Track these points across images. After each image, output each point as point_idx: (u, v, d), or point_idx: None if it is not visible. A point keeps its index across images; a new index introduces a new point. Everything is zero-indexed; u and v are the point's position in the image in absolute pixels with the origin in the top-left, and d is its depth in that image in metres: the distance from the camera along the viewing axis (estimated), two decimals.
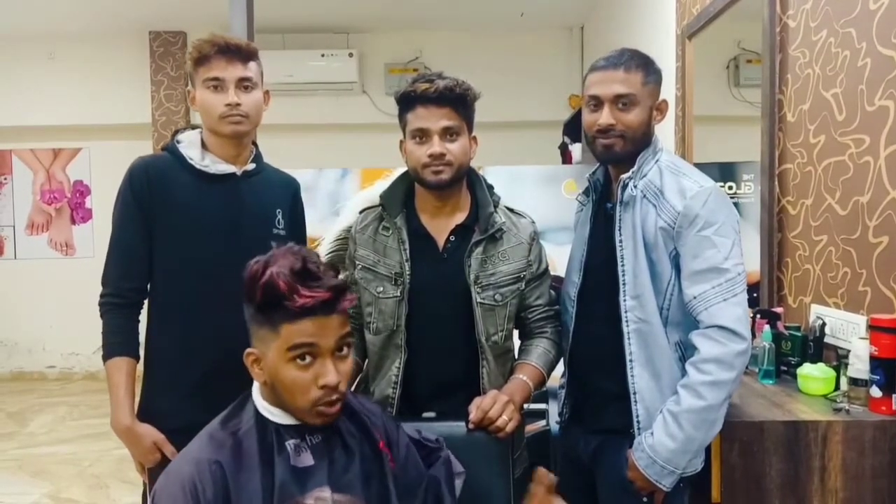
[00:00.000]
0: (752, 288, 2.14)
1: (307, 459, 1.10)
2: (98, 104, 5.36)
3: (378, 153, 4.57)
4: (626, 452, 1.41)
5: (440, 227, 1.54)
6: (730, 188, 2.35)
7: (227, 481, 1.05)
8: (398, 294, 1.50)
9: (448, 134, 1.47)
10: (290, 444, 1.10)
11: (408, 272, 1.50)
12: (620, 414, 1.43)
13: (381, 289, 1.52)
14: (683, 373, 1.36)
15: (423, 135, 1.47)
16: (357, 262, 1.58)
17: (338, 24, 5.14)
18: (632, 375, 1.41)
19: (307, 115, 5.20)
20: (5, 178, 5.64)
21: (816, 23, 1.84)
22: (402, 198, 1.57)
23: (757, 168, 2.13)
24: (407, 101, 1.50)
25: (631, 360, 1.41)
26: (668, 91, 2.89)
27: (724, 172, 2.37)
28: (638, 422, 1.41)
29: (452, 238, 1.53)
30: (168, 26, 5.26)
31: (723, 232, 1.34)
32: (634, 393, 1.41)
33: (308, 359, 1.07)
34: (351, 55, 5.12)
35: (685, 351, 1.39)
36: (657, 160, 1.44)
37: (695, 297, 1.35)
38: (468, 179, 1.57)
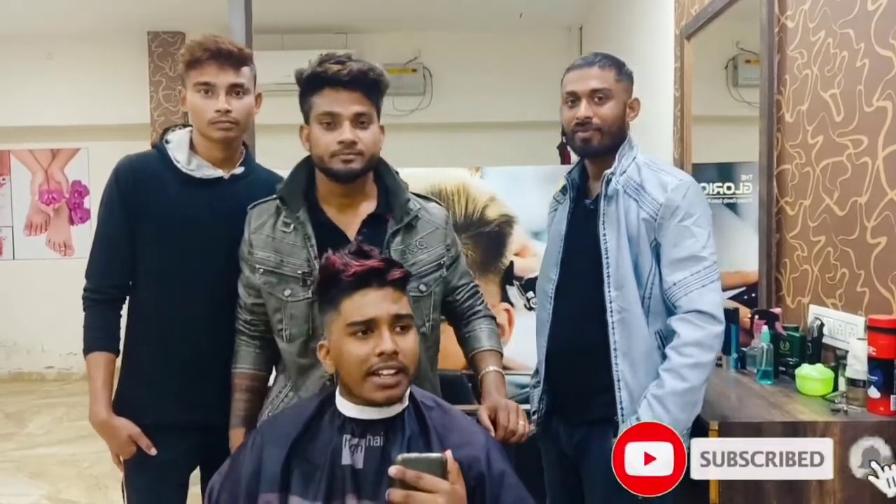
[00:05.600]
0: (751, 288, 2.14)
1: (358, 461, 1.13)
2: (96, 104, 5.35)
3: None
4: (611, 440, 1.41)
5: (349, 220, 1.43)
6: (728, 188, 2.35)
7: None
8: (309, 295, 1.38)
9: (360, 121, 1.37)
10: (346, 440, 1.14)
11: (317, 270, 1.31)
12: (604, 403, 1.46)
13: (289, 291, 1.40)
14: (662, 361, 1.41)
15: (332, 120, 1.36)
16: (257, 267, 1.43)
17: (336, 24, 5.13)
18: (616, 364, 1.46)
19: None
20: (3, 179, 5.63)
21: (815, 23, 1.84)
22: (302, 190, 1.44)
23: (755, 168, 2.13)
24: (313, 83, 1.38)
25: (615, 350, 1.46)
26: (667, 91, 2.89)
27: (723, 172, 2.37)
28: (621, 408, 1.45)
29: (364, 230, 1.42)
30: (167, 27, 5.26)
31: (700, 223, 1.44)
32: (618, 381, 1.45)
33: (367, 332, 1.13)
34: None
35: (664, 339, 1.45)
36: (634, 157, 1.53)
37: (674, 284, 1.43)
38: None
